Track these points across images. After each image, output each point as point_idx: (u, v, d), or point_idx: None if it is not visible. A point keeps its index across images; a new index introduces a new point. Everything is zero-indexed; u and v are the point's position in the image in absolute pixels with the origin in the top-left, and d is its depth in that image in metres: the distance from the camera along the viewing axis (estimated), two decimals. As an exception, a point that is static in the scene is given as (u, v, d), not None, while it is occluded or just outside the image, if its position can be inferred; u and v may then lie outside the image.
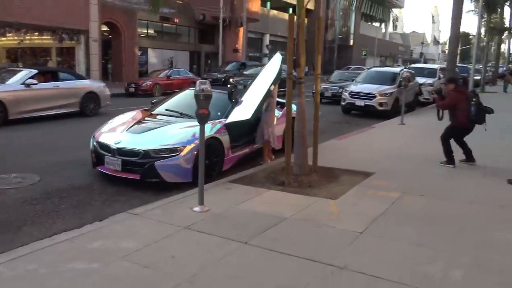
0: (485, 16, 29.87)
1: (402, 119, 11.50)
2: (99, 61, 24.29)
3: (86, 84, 12.85)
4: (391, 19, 6.80)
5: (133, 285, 3.04)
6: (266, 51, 42.83)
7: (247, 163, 6.89)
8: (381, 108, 13.65)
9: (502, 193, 5.45)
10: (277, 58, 6.69)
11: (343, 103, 14.56)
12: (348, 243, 3.76)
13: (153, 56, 30.02)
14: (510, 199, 5.22)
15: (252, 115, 6.16)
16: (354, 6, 7.76)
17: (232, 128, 6.49)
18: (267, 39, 42.44)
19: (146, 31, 29.96)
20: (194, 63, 33.04)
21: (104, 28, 26.10)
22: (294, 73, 5.82)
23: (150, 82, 20.24)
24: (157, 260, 3.41)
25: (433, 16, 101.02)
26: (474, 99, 6.64)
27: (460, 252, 3.63)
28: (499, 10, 31.72)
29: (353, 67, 38.27)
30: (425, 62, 52.50)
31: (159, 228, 4.11)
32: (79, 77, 13.10)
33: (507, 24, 36.78)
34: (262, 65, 25.77)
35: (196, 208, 4.59)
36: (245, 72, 22.40)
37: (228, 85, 11.85)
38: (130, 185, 5.76)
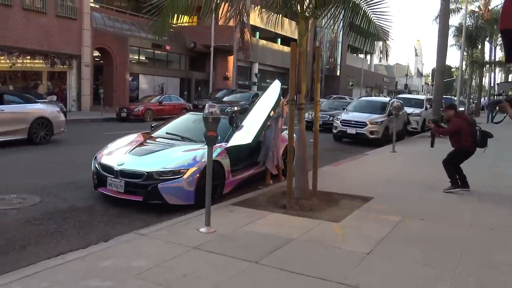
0: (467, 50, 31.00)
1: (393, 147, 11.76)
2: (91, 86, 24.39)
3: (37, 109, 11.45)
4: (386, 50, 7.03)
5: (150, 302, 3.06)
6: (255, 79, 43.52)
7: (247, 187, 6.96)
8: (372, 136, 13.93)
9: (499, 218, 5.61)
10: (277, 84, 6.88)
11: (334, 131, 14.81)
12: (357, 264, 3.84)
13: (144, 82, 30.21)
14: (507, 224, 5.38)
15: (253, 139, 6.28)
16: (341, 38, 8.01)
17: (232, 152, 6.59)
18: (256, 67, 43.18)
19: (137, 57, 30.26)
20: (184, 89, 33.32)
21: (96, 53, 26.32)
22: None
23: (142, 108, 20.35)
24: (170, 279, 3.43)
25: (416, 49, 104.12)
26: (477, 124, 6.94)
27: (465, 273, 3.74)
28: (479, 45, 32.97)
29: (334, 96, 39.74)
30: (409, 93, 53.77)
31: (168, 248, 4.13)
32: (28, 101, 11.56)
33: (487, 58, 38.21)
34: (241, 92, 26.31)
35: (203, 229, 4.63)
36: (224, 99, 22.99)
37: (227, 111, 12.01)
38: (132, 207, 5.77)
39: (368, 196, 6.47)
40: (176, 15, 5.67)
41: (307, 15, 5.90)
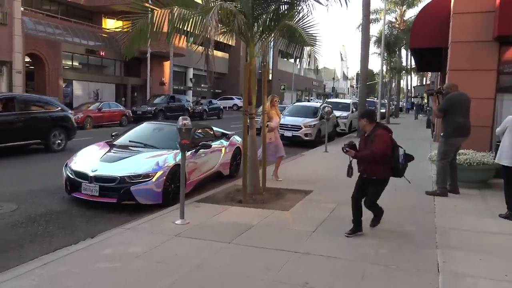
0: (387, 57, 34.15)
1: (326, 147, 13.28)
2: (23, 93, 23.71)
3: None
4: (315, 60, 8.42)
5: (156, 273, 3.97)
6: (190, 84, 44.14)
7: (204, 187, 7.92)
8: (306, 138, 15.42)
9: (413, 200, 7.06)
10: None
11: (272, 134, 16.10)
12: (306, 238, 5.01)
13: (78, 88, 29.76)
14: (414, 205, 6.84)
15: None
16: (272, 43, 9.22)
17: None
18: (190, 72, 43.82)
19: (71, 63, 29.73)
20: (120, 95, 33.17)
21: (27, 59, 25.60)
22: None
23: (82, 115, 20.32)
24: (165, 258, 4.35)
25: (341, 54, 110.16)
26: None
27: (385, 239, 5.03)
28: (397, 52, 36.40)
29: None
30: (336, 96, 57.20)
31: (154, 237, 5.01)
32: None
33: (404, 63, 42.17)
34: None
35: (178, 222, 5.54)
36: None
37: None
38: (105, 208, 6.49)
39: (308, 189, 7.70)
40: (142, 40, 6.48)
41: (256, 39, 7.01)
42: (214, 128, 9.62)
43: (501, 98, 8.97)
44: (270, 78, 55.74)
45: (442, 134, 7.56)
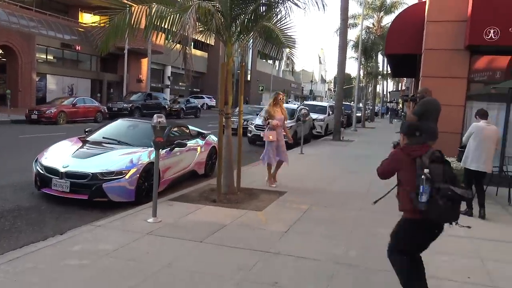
0: (364, 62, 34.70)
1: (301, 149, 13.39)
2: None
3: None
4: (292, 67, 8.50)
5: (126, 271, 3.93)
6: (168, 82, 43.76)
7: (178, 185, 7.88)
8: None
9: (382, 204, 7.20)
10: None
11: (249, 135, 16.15)
12: (278, 239, 5.05)
13: (52, 83, 29.08)
14: (385, 207, 6.97)
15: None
16: (250, 44, 9.17)
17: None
18: (169, 70, 43.44)
19: (45, 56, 29.03)
20: (96, 91, 32.58)
21: (-1, 51, 24.91)
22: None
23: (55, 110, 19.85)
24: (136, 256, 4.31)
25: (320, 57, 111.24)
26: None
27: (355, 240, 5.13)
28: (374, 57, 37.01)
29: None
30: (314, 99, 57.72)
31: (126, 234, 4.96)
32: None
33: (381, 69, 42.89)
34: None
35: (150, 220, 5.50)
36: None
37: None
38: (76, 205, 6.39)
39: (283, 190, 7.76)
40: (118, 36, 6.41)
41: (234, 39, 7.02)
42: (190, 127, 9.59)
43: (470, 105, 9.26)
44: (249, 78, 55.86)
45: None
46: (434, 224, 3.31)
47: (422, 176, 3.17)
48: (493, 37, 8.36)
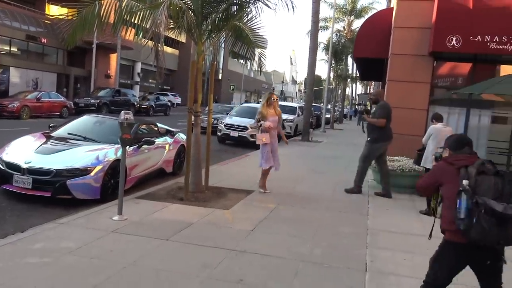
0: (334, 64, 35.26)
1: (270, 149, 13.46)
2: None
3: None
4: (260, 66, 8.57)
5: (89, 269, 3.87)
6: (138, 79, 43.05)
7: (146, 183, 7.80)
8: (252, 139, 15.48)
9: (346, 204, 7.38)
10: None
11: (219, 134, 16.14)
12: (244, 237, 5.09)
13: (15, 76, 28.04)
14: (349, 207, 7.16)
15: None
16: (222, 43, 9.13)
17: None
18: (138, 67, 42.75)
19: (8, 48, 27.98)
20: (62, 86, 31.67)
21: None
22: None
23: (18, 104, 19.22)
24: (100, 254, 4.25)
25: (291, 58, 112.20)
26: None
27: (320, 239, 5.24)
28: (344, 60, 37.65)
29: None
30: (285, 99, 58.15)
31: (89, 232, 4.88)
32: None
33: (350, 71, 43.69)
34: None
35: (115, 218, 5.43)
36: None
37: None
38: (38, 202, 6.23)
39: (250, 189, 7.81)
40: (86, 29, 6.28)
41: (204, 37, 7.02)
42: (159, 125, 9.50)
43: (433, 109, 9.58)
44: (220, 77, 55.70)
45: (369, 139, 7.96)
46: (480, 249, 2.79)
47: (460, 188, 2.77)
48: (455, 44, 8.69)
